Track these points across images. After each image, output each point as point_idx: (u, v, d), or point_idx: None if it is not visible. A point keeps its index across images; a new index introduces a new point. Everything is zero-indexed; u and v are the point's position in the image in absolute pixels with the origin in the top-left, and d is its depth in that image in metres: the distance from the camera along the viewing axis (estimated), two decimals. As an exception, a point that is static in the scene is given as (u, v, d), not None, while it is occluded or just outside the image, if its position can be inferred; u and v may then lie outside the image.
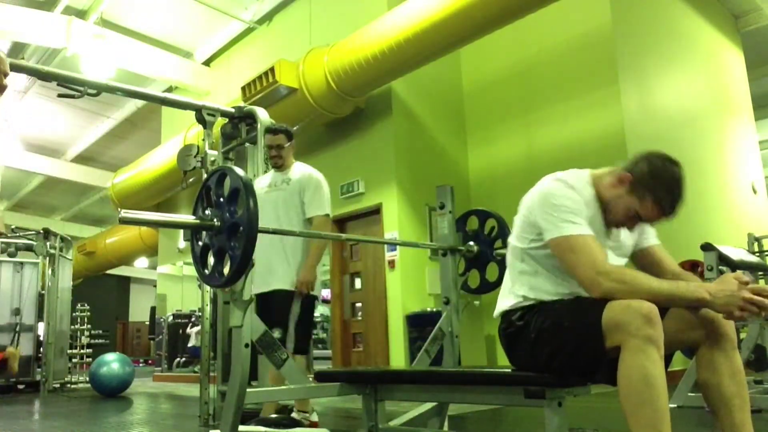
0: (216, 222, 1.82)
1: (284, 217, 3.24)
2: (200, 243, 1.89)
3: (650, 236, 1.86)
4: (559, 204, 1.67)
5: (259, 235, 2.65)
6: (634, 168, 1.74)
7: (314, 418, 3.15)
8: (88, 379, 6.68)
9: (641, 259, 1.85)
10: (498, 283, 2.72)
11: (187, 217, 1.89)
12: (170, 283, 10.84)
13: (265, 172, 3.60)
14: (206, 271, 1.89)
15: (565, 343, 1.57)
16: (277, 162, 3.35)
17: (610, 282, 1.53)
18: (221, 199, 1.84)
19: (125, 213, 1.68)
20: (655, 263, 1.81)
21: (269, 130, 3.39)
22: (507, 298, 1.81)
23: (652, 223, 1.75)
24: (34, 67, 3.46)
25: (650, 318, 1.41)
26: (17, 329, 6.87)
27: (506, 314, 1.79)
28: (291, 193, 3.30)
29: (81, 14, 8.30)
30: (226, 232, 1.80)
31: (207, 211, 1.87)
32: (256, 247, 2.58)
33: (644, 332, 1.40)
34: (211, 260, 1.88)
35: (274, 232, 2.39)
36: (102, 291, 18.34)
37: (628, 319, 1.42)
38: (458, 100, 7.47)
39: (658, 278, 1.57)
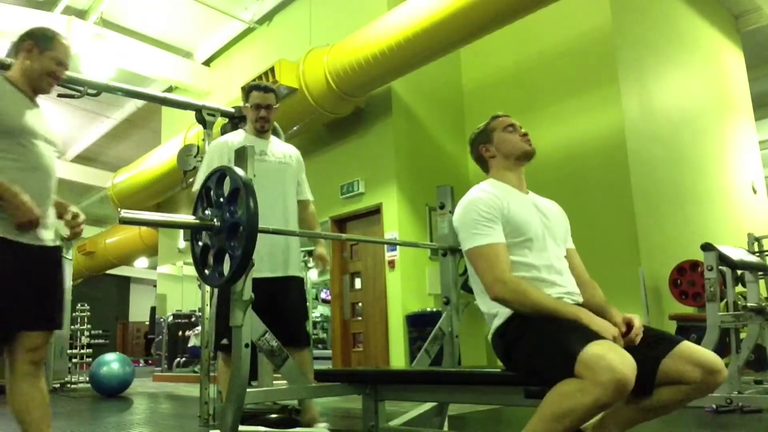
0: (216, 222, 1.82)
1: (291, 197, 2.91)
2: (200, 243, 1.89)
3: (569, 241, 2.04)
4: (470, 217, 1.84)
5: (267, 213, 2.55)
6: (476, 150, 2.11)
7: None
8: (88, 379, 6.67)
9: None
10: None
11: (187, 217, 1.89)
12: (170, 283, 10.84)
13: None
14: (206, 271, 1.88)
15: (549, 360, 1.58)
16: (264, 126, 2.92)
17: (504, 290, 1.70)
18: (221, 199, 1.84)
19: (125, 213, 1.67)
20: (569, 266, 1.95)
21: (257, 87, 2.94)
22: (492, 317, 1.83)
23: (516, 123, 2.11)
24: (34, 67, 3.45)
25: (621, 389, 1.41)
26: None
27: (498, 329, 1.80)
28: (293, 169, 2.96)
29: (81, 14, 8.30)
30: (226, 232, 1.79)
31: (207, 211, 1.87)
32: (269, 212, 2.50)
33: (608, 394, 1.41)
34: (211, 260, 1.87)
35: (274, 232, 2.39)
36: (102, 291, 18.33)
37: (601, 372, 1.41)
38: (458, 100, 7.47)
39: (547, 295, 1.72)
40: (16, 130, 2.06)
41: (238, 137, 2.95)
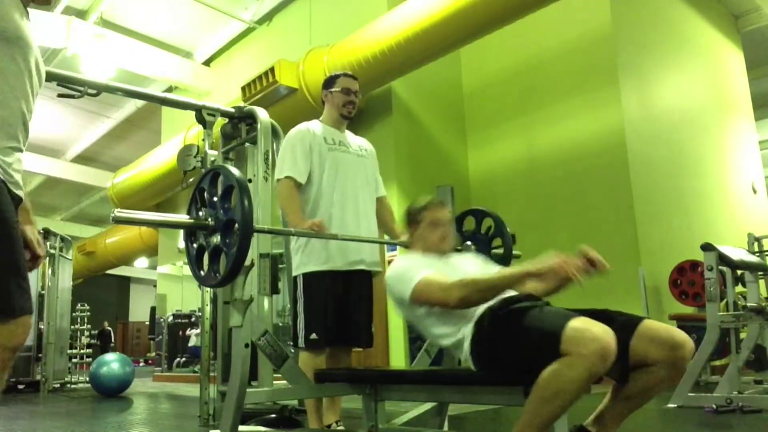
0: (210, 221, 1.81)
1: (366, 192, 2.82)
2: (195, 243, 1.89)
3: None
4: (402, 272, 2.00)
5: (343, 203, 2.65)
6: (407, 225, 2.25)
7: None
8: (88, 379, 6.67)
9: None
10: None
11: (182, 217, 1.88)
12: (170, 283, 10.84)
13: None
14: (201, 271, 1.88)
15: (535, 349, 1.60)
16: (351, 111, 2.86)
17: (458, 291, 1.79)
18: (215, 199, 1.84)
19: (118, 212, 1.66)
20: None
21: (344, 74, 2.87)
22: (461, 343, 1.83)
23: (442, 219, 2.17)
24: (34, 67, 3.44)
25: (606, 356, 1.46)
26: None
27: (471, 348, 1.80)
28: (370, 164, 2.90)
29: (81, 14, 8.30)
30: (220, 231, 1.79)
31: (201, 211, 1.86)
32: (343, 217, 2.56)
33: (595, 363, 1.46)
34: (205, 260, 1.87)
35: (270, 231, 2.39)
36: (102, 291, 18.36)
37: (586, 344, 1.47)
38: (458, 100, 7.47)
39: (490, 275, 1.87)
40: (13, 38, 1.48)
41: (317, 126, 2.85)
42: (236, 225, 1.73)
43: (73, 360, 7.79)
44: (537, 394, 1.54)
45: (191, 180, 3.99)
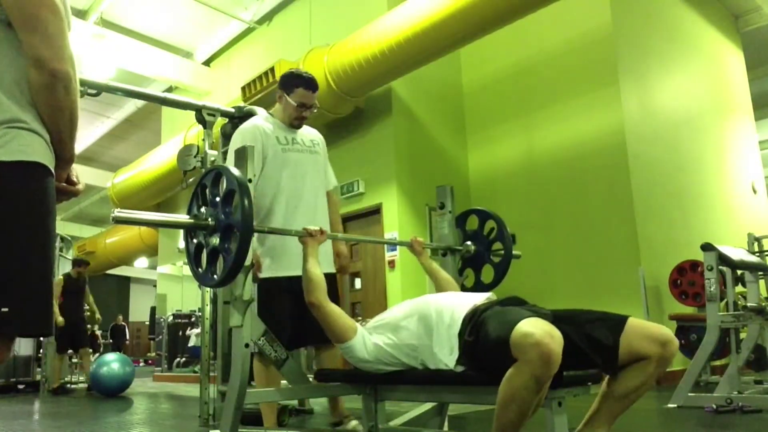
0: (210, 221, 1.81)
1: (321, 188, 2.82)
2: (194, 243, 1.88)
3: None
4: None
5: (296, 203, 2.67)
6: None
7: None
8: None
9: None
10: (493, 284, 2.72)
11: (182, 217, 1.88)
12: (170, 283, 10.84)
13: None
14: (200, 271, 1.88)
15: (497, 355, 1.63)
16: (302, 123, 2.83)
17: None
18: (216, 199, 1.84)
19: (118, 212, 1.66)
20: None
21: (305, 83, 2.75)
22: (449, 352, 1.86)
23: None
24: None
25: (547, 360, 1.48)
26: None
27: (460, 359, 1.84)
28: (321, 158, 2.88)
29: (81, 14, 8.30)
30: (220, 231, 1.79)
31: (202, 210, 1.86)
32: (295, 217, 2.58)
33: (537, 369, 1.49)
34: (204, 259, 1.87)
35: (270, 231, 2.39)
36: (102, 291, 18.30)
37: (527, 349, 1.50)
38: (458, 100, 7.46)
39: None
40: None
41: (269, 124, 2.80)
42: (236, 227, 1.73)
43: (73, 360, 7.79)
44: (498, 400, 1.58)
45: (191, 180, 3.99)
